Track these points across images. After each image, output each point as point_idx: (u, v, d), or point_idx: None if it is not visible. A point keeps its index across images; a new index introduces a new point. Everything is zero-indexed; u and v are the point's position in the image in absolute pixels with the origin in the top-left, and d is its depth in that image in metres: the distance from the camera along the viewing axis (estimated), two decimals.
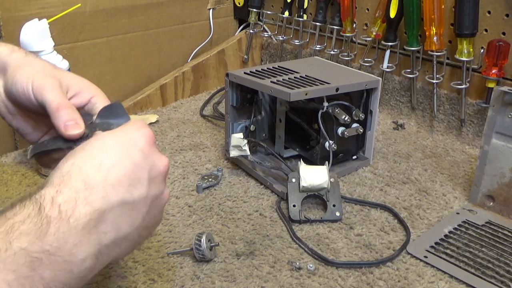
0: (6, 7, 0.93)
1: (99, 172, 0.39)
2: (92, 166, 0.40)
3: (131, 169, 0.41)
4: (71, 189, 0.38)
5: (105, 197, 0.39)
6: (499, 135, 0.74)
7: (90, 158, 0.40)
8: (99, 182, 0.39)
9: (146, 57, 1.21)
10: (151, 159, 0.43)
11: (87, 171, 0.39)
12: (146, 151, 0.43)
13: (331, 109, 0.82)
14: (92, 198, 0.38)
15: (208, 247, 0.64)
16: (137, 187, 0.41)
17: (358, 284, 0.62)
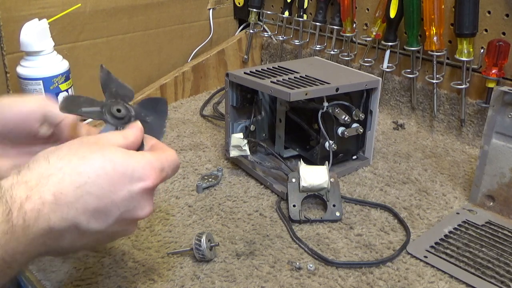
0: (6, 7, 0.93)
1: (74, 192, 0.39)
2: (73, 184, 0.39)
3: (105, 202, 0.41)
4: (39, 199, 0.38)
5: (64, 218, 0.39)
6: (499, 135, 0.74)
7: (78, 174, 0.40)
8: (67, 202, 0.39)
9: (146, 57, 1.21)
10: (134, 203, 0.42)
11: (65, 185, 0.39)
12: (134, 194, 0.42)
13: (331, 109, 0.82)
14: (52, 215, 0.38)
15: (208, 247, 0.64)
16: (98, 220, 0.41)
17: (358, 284, 0.62)
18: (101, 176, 0.41)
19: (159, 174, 0.44)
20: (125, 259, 0.66)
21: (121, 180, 0.42)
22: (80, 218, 0.40)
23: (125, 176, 0.42)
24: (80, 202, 0.39)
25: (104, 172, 0.41)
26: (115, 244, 0.68)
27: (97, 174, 0.41)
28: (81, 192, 0.39)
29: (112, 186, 0.41)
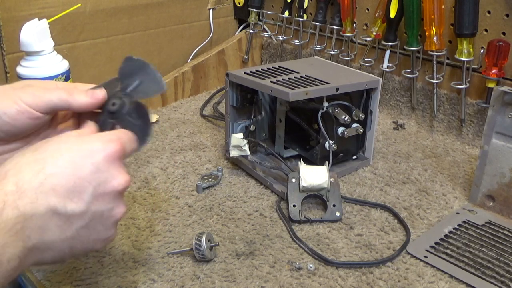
0: (6, 7, 0.93)
1: (36, 177, 0.39)
2: (31, 170, 0.39)
3: (72, 180, 0.40)
4: (1, 191, 0.38)
5: (34, 203, 0.38)
6: (499, 135, 0.74)
7: (34, 161, 0.40)
8: (32, 188, 0.39)
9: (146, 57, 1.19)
10: (104, 175, 0.42)
11: (24, 174, 0.39)
12: (100, 165, 0.42)
13: (331, 109, 0.82)
14: (20, 202, 0.38)
15: (208, 247, 0.64)
16: (74, 200, 0.40)
17: (358, 284, 0.62)
18: (58, 158, 0.41)
19: (117, 142, 0.44)
20: (125, 259, 0.66)
21: (81, 156, 0.41)
22: (52, 200, 0.39)
23: (83, 150, 0.42)
24: (45, 186, 0.39)
25: (60, 154, 0.41)
26: (115, 244, 0.68)
27: (54, 157, 0.41)
28: (43, 176, 0.39)
29: (73, 163, 0.41)
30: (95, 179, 0.42)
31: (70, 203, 0.40)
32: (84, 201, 0.41)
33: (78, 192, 0.40)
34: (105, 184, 0.42)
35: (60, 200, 0.40)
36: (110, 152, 0.43)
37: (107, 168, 0.42)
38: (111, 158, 0.43)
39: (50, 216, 0.39)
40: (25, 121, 0.48)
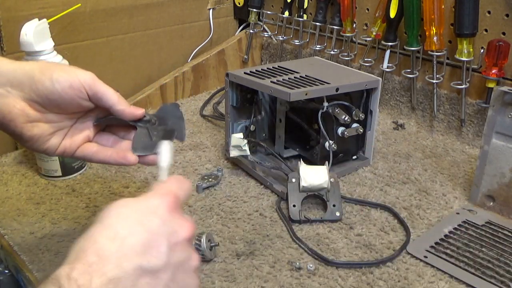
0: (6, 7, 0.93)
1: (113, 243, 0.40)
2: (106, 237, 0.40)
3: (146, 237, 0.41)
4: (85, 264, 0.38)
5: (119, 265, 0.39)
6: (499, 135, 0.74)
7: (105, 229, 0.41)
8: (113, 253, 0.39)
9: (146, 57, 1.21)
10: (171, 225, 0.43)
11: (101, 242, 0.40)
12: (165, 218, 0.43)
13: (331, 109, 0.82)
14: (105, 269, 0.38)
15: (208, 247, 0.64)
16: (154, 254, 0.41)
17: (358, 284, 0.62)
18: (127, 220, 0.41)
19: (171, 193, 0.46)
20: None
21: (146, 213, 0.42)
22: (135, 259, 0.40)
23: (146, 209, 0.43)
24: (124, 249, 0.40)
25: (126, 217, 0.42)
26: None
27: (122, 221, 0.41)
28: (119, 240, 0.40)
29: (142, 222, 0.42)
30: (166, 232, 0.42)
31: (152, 258, 0.40)
32: (164, 253, 0.41)
33: (156, 247, 0.41)
34: (176, 234, 0.43)
35: (142, 258, 0.40)
36: (169, 203, 0.44)
37: (172, 219, 0.43)
38: (172, 209, 0.44)
39: (138, 275, 0.39)
40: (72, 97, 0.51)
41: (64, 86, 0.51)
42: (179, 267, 0.43)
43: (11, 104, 0.51)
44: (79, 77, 0.51)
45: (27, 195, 0.82)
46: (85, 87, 0.52)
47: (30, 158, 0.93)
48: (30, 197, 0.81)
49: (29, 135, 0.52)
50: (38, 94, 0.51)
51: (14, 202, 0.80)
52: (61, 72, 0.51)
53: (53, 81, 0.50)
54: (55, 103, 0.52)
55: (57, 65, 0.53)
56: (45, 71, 0.51)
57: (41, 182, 0.86)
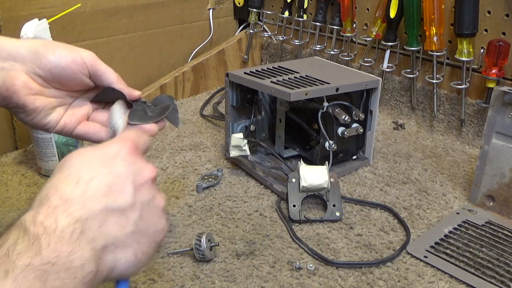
0: (6, 7, 0.93)
1: (77, 187, 0.40)
2: (69, 183, 0.41)
3: (111, 178, 0.42)
4: (49, 208, 0.39)
5: (84, 207, 0.39)
6: (499, 135, 0.74)
7: (68, 176, 0.41)
8: (77, 196, 0.40)
9: (146, 57, 1.21)
10: (134, 167, 0.44)
11: (64, 188, 0.40)
12: (128, 160, 0.44)
13: (331, 109, 0.82)
14: (71, 209, 0.39)
15: (208, 247, 0.64)
16: (121, 194, 0.42)
17: (358, 284, 0.62)
18: (89, 165, 0.42)
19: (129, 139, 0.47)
20: None
21: (108, 157, 0.44)
22: (101, 200, 0.40)
23: (108, 153, 0.44)
24: (88, 191, 0.40)
25: (88, 162, 0.43)
26: None
27: (84, 166, 0.42)
28: (82, 185, 0.41)
29: (105, 165, 0.43)
30: (130, 173, 0.43)
31: (118, 198, 0.42)
32: (130, 193, 0.42)
33: (121, 187, 0.42)
34: (140, 175, 0.44)
35: (108, 198, 0.41)
36: (129, 147, 0.45)
37: (134, 161, 0.45)
38: (133, 152, 0.45)
39: (105, 214, 0.40)
40: (75, 72, 0.53)
41: (67, 60, 0.52)
42: (146, 207, 0.44)
43: (14, 77, 0.52)
44: (81, 54, 0.53)
45: (27, 195, 0.82)
46: (87, 64, 0.53)
47: (30, 158, 0.93)
48: (30, 197, 0.81)
49: (31, 107, 0.53)
50: (41, 67, 0.52)
51: (14, 202, 0.80)
52: (64, 49, 0.53)
53: (56, 55, 0.52)
54: (57, 77, 0.53)
55: (59, 43, 0.55)
56: (49, 47, 0.53)
57: (41, 182, 0.86)
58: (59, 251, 0.36)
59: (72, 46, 0.54)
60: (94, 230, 0.39)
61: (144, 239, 0.43)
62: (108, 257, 0.40)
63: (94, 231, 0.39)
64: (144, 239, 0.43)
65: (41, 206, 0.39)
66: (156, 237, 0.45)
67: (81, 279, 0.37)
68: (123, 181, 0.42)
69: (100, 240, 0.40)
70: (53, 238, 0.37)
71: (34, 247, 0.36)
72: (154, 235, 0.44)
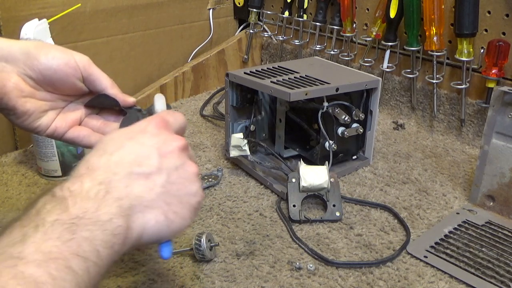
0: (6, 7, 0.93)
1: (102, 158, 0.42)
2: (96, 155, 0.42)
3: (136, 149, 0.43)
4: (75, 176, 0.41)
5: (108, 171, 0.41)
6: (499, 135, 0.74)
7: (96, 151, 0.43)
8: (102, 164, 0.42)
9: (146, 57, 1.21)
10: (160, 137, 0.45)
11: (91, 159, 0.42)
12: (153, 133, 0.45)
13: (331, 109, 0.82)
14: (95, 175, 0.41)
15: (208, 247, 0.64)
16: (145, 161, 0.43)
17: (358, 284, 0.62)
18: (115, 140, 0.44)
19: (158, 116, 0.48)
20: (125, 259, 0.66)
21: (134, 132, 0.45)
22: (124, 167, 0.42)
23: (134, 129, 0.46)
24: (112, 161, 0.42)
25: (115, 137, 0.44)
26: None
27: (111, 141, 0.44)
28: (108, 155, 0.42)
29: (130, 139, 0.44)
30: (155, 143, 0.44)
31: (143, 163, 0.43)
32: (155, 160, 0.43)
33: (146, 155, 0.43)
34: (166, 145, 0.45)
35: (132, 164, 0.42)
36: (157, 123, 0.46)
37: (160, 133, 0.45)
38: (160, 126, 0.46)
39: (129, 177, 0.42)
40: (67, 75, 0.52)
41: (59, 62, 0.51)
42: (174, 171, 0.44)
43: (5, 78, 0.51)
44: (75, 57, 0.52)
45: (27, 195, 0.82)
46: (80, 67, 0.52)
47: (30, 158, 0.93)
48: (30, 197, 0.81)
49: (22, 110, 0.53)
50: (33, 69, 0.51)
51: (14, 202, 0.80)
52: (57, 51, 0.52)
53: (48, 57, 0.51)
54: (49, 79, 0.52)
55: (53, 45, 0.54)
56: (41, 49, 0.52)
57: (41, 182, 0.86)
58: (85, 208, 0.38)
59: (66, 49, 0.54)
60: (120, 191, 0.41)
61: (174, 200, 0.44)
62: (137, 216, 0.41)
63: (120, 191, 0.41)
64: (174, 200, 0.44)
65: (71, 177, 0.41)
66: (190, 199, 0.45)
67: (111, 231, 0.38)
68: (148, 150, 0.44)
69: (127, 199, 0.41)
70: (79, 198, 0.38)
71: (61, 206, 0.38)
72: (186, 197, 0.45)
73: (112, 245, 0.38)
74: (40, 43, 0.54)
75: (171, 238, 0.45)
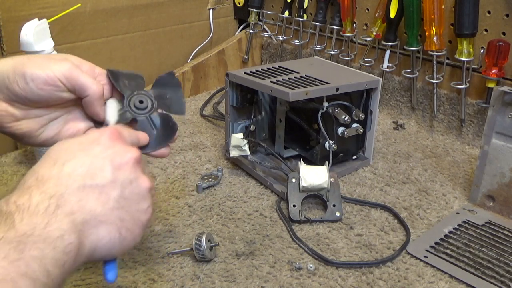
0: (6, 7, 0.93)
1: (53, 168, 0.40)
2: (45, 166, 0.41)
3: (88, 160, 0.42)
4: (22, 189, 0.39)
5: (59, 184, 0.39)
6: (499, 135, 0.74)
7: (45, 160, 0.42)
8: (52, 176, 0.40)
9: (146, 57, 1.21)
10: (114, 149, 0.44)
11: (40, 170, 0.40)
12: (106, 144, 0.44)
13: (331, 109, 0.82)
14: (44, 187, 0.39)
15: (208, 247, 0.64)
16: (98, 174, 0.42)
17: (358, 284, 0.62)
18: (67, 150, 0.43)
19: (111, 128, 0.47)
20: (125, 259, 0.66)
21: (87, 142, 0.44)
22: (77, 179, 0.40)
23: (87, 140, 0.44)
24: (64, 172, 0.40)
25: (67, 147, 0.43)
26: None
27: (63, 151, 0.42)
28: (59, 166, 0.41)
29: (83, 150, 0.43)
30: (109, 155, 0.43)
31: (96, 176, 0.41)
32: (109, 172, 0.42)
33: (99, 168, 0.42)
34: (120, 156, 0.44)
35: (85, 176, 0.41)
36: (110, 134, 0.45)
37: (113, 145, 0.44)
38: (114, 138, 0.45)
39: (82, 190, 0.40)
40: (49, 92, 0.49)
41: (38, 83, 0.48)
42: (128, 185, 0.43)
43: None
44: (54, 71, 0.49)
45: None
46: (62, 80, 0.49)
47: (30, 158, 0.93)
48: None
49: (19, 133, 0.51)
50: (15, 94, 0.49)
51: None
52: (34, 69, 0.48)
53: (26, 80, 0.48)
54: (35, 100, 0.50)
55: (31, 60, 0.50)
56: (18, 69, 0.48)
57: None
58: (34, 224, 0.36)
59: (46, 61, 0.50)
60: (72, 205, 0.39)
61: (128, 216, 0.43)
62: (90, 232, 0.40)
63: (72, 205, 0.39)
64: (128, 216, 0.43)
65: (16, 189, 0.39)
66: (140, 216, 0.44)
67: (62, 249, 0.37)
68: (101, 162, 0.42)
69: (80, 214, 0.39)
70: (26, 213, 0.37)
71: (7, 223, 0.36)
72: (138, 214, 0.44)
73: (63, 264, 0.36)
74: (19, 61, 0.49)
75: (119, 256, 0.44)
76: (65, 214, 0.38)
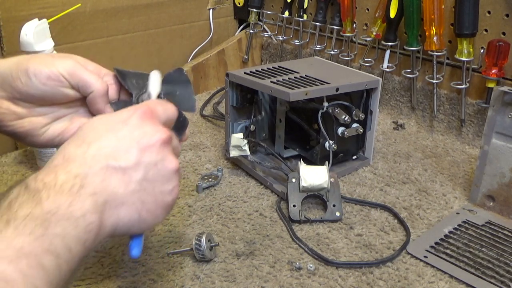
0: (6, 7, 0.93)
1: (79, 148, 0.41)
2: (73, 145, 0.42)
3: (114, 142, 0.42)
4: (50, 167, 0.40)
5: (84, 164, 0.40)
6: (499, 135, 0.74)
7: (74, 139, 0.42)
8: (78, 155, 0.40)
9: (146, 57, 1.21)
10: (142, 130, 0.43)
11: (67, 149, 0.41)
12: (135, 124, 0.44)
13: (331, 109, 0.82)
14: (70, 167, 0.40)
15: (208, 247, 0.64)
16: (123, 155, 0.42)
17: (358, 284, 0.62)
18: (95, 129, 0.43)
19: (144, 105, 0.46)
20: (125, 259, 0.66)
21: (115, 122, 0.44)
22: (101, 160, 0.41)
23: (116, 119, 0.44)
24: (90, 152, 0.41)
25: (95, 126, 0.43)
26: (114, 244, 0.68)
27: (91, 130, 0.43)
28: (86, 145, 0.41)
29: (111, 129, 0.43)
30: (136, 136, 0.43)
31: (120, 158, 0.42)
32: (134, 154, 0.42)
33: (124, 149, 0.42)
34: (147, 137, 0.43)
35: (109, 157, 0.41)
36: (141, 113, 0.44)
37: (143, 125, 0.44)
38: (145, 117, 0.44)
39: (105, 171, 0.41)
40: (53, 88, 0.49)
41: (41, 78, 0.48)
42: (153, 167, 0.43)
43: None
44: (57, 67, 0.49)
45: None
46: (65, 76, 0.49)
47: (30, 158, 0.93)
48: None
49: (22, 131, 0.51)
50: (18, 91, 0.49)
51: None
52: (37, 64, 0.49)
53: (29, 75, 0.48)
54: (38, 96, 0.50)
55: (34, 57, 0.50)
56: (21, 65, 0.49)
57: None
58: (59, 202, 0.37)
59: (49, 58, 0.50)
60: (95, 185, 0.40)
61: (150, 198, 0.43)
62: (110, 212, 0.41)
63: (95, 186, 0.40)
64: (150, 198, 0.43)
65: (45, 167, 0.40)
66: (165, 197, 0.44)
67: (84, 228, 0.38)
68: (127, 143, 0.42)
69: (102, 194, 0.40)
70: (52, 191, 0.38)
71: (34, 199, 0.37)
72: (161, 195, 0.44)
73: (84, 242, 0.38)
74: (22, 58, 0.50)
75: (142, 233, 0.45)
76: (88, 194, 0.39)
